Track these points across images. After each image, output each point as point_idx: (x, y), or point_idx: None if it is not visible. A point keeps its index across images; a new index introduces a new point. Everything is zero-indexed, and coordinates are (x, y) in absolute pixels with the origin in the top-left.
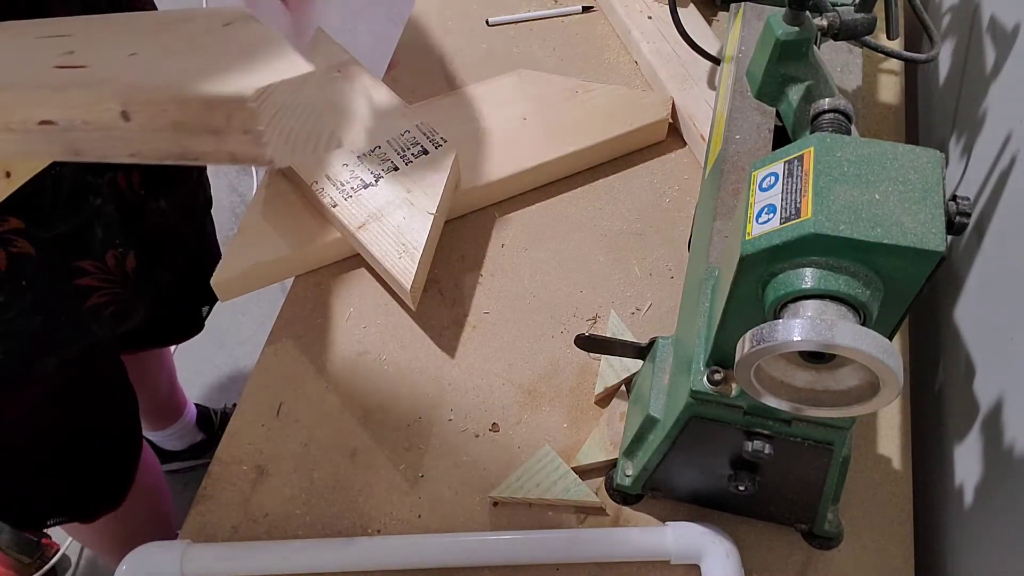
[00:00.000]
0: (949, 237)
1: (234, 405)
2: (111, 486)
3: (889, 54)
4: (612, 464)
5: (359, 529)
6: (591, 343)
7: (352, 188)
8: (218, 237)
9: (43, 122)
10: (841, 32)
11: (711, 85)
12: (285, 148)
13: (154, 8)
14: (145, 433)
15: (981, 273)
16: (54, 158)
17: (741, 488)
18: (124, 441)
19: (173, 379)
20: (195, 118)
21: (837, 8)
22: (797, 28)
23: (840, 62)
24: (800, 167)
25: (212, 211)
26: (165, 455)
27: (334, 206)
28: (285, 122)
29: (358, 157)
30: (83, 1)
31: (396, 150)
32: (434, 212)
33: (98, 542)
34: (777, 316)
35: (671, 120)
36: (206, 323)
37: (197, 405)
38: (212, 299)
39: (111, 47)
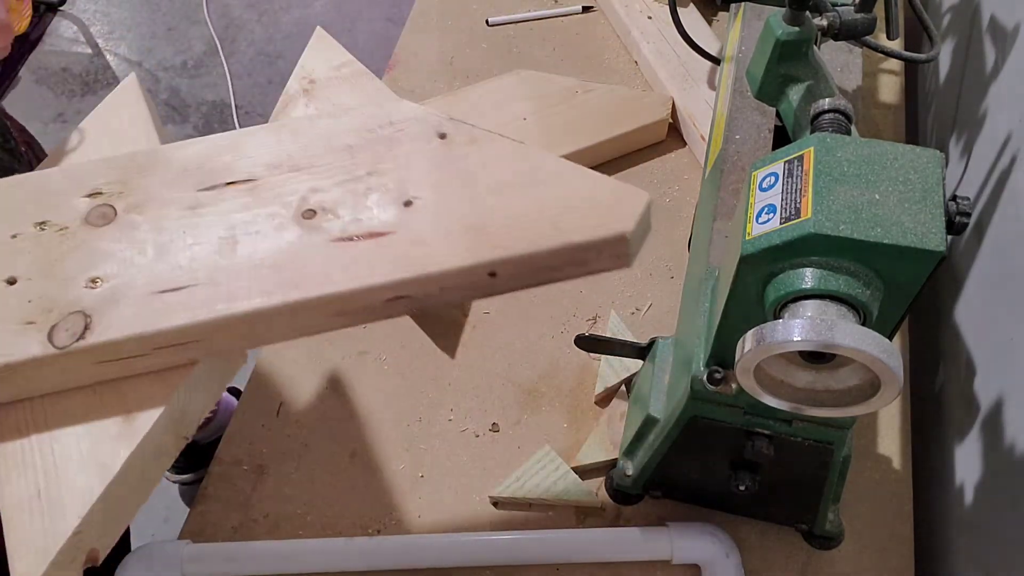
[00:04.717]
0: (949, 237)
1: None
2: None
3: (889, 54)
4: (612, 464)
5: (359, 529)
6: (591, 343)
7: None
8: None
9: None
10: (841, 32)
11: (711, 85)
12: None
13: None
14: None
15: (981, 273)
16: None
17: (742, 487)
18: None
19: None
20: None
21: (837, 8)
22: (797, 28)
23: (840, 62)
24: (800, 167)
25: None
26: (205, 451)
27: None
28: None
29: None
30: None
31: None
32: None
33: None
34: (777, 316)
35: (671, 120)
36: None
37: (231, 389)
38: None
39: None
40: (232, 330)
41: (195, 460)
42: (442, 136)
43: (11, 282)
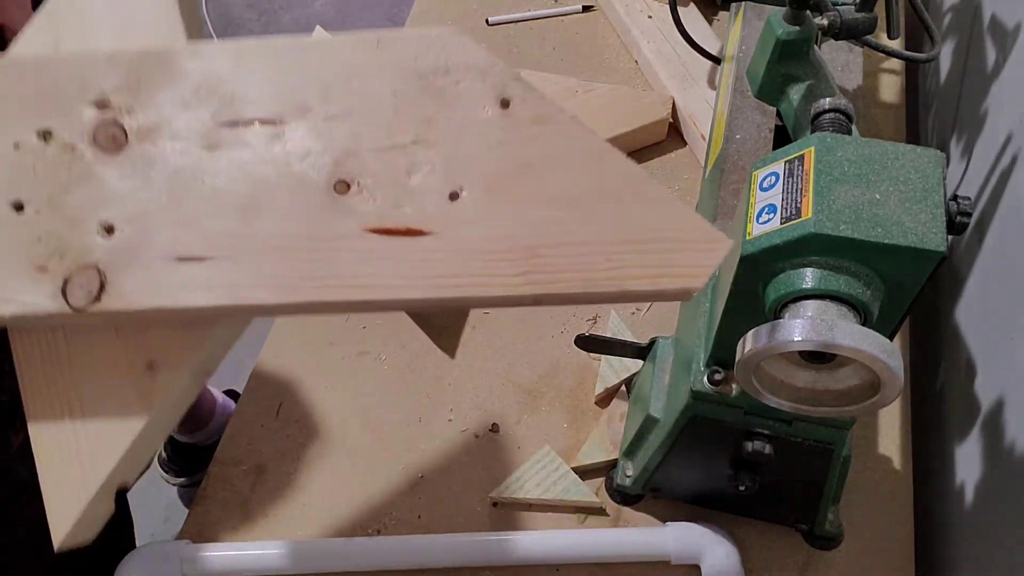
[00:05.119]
0: (950, 237)
1: None
2: None
3: (890, 53)
4: (612, 464)
5: (359, 529)
6: (591, 343)
7: None
8: None
9: None
10: (842, 31)
11: (711, 84)
12: None
13: None
14: (182, 437)
15: (981, 273)
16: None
17: (742, 487)
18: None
19: None
20: None
21: (838, 7)
22: (798, 27)
23: (841, 61)
24: (800, 167)
25: None
26: (206, 453)
27: None
28: None
29: None
30: None
31: None
32: None
33: None
34: (777, 316)
35: (671, 120)
36: None
37: (230, 392)
38: None
39: None
40: (252, 311)
41: (194, 463)
42: (504, 104)
43: (18, 207)
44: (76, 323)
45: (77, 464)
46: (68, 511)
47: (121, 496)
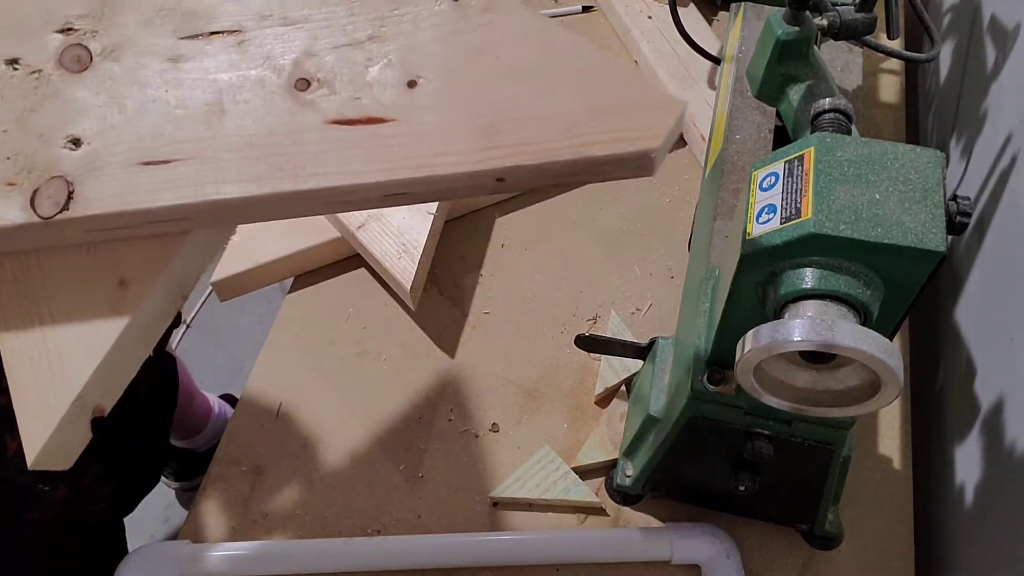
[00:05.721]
0: (949, 237)
1: None
2: None
3: (889, 54)
4: (612, 464)
5: (359, 529)
6: (591, 343)
7: None
8: None
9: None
10: (841, 32)
11: (711, 85)
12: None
13: None
14: (178, 442)
15: (981, 273)
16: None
17: (742, 488)
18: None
19: (190, 391)
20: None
21: (837, 8)
22: (797, 28)
23: (840, 62)
24: (800, 167)
25: None
26: (202, 458)
27: None
28: None
29: None
30: None
31: None
32: (434, 212)
33: None
34: (777, 316)
35: None
36: (206, 323)
37: (227, 396)
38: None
39: None
40: (221, 212)
41: (191, 468)
42: None
43: None
44: (47, 239)
45: (49, 380)
46: (41, 428)
47: (98, 424)
